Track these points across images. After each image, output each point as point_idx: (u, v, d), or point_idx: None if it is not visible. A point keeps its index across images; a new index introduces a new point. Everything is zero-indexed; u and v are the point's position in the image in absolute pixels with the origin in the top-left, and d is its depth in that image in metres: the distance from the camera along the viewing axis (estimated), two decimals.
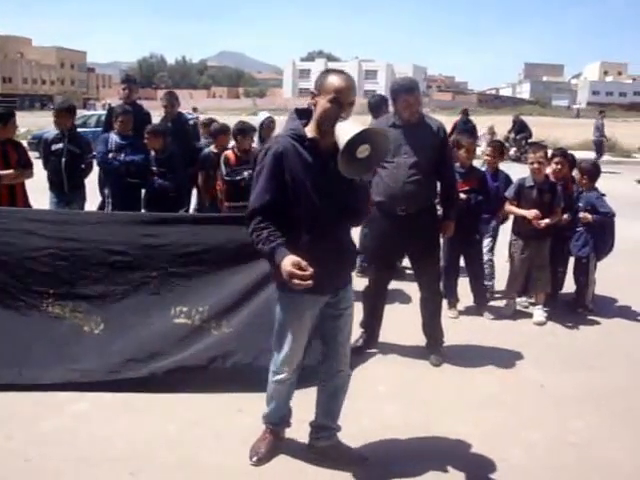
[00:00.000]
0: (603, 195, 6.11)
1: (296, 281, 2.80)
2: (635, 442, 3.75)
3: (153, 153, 6.46)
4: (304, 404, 3.52)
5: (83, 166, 6.61)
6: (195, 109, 23.10)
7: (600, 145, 19.62)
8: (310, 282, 2.79)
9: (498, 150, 6.54)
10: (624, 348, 5.23)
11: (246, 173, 6.11)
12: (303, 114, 3.12)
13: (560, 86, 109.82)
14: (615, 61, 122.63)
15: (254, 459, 3.42)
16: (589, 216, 5.92)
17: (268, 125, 7.76)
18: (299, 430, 3.56)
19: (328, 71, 3.05)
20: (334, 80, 2.94)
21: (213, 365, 4.28)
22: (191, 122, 7.23)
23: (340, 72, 3.02)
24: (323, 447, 3.45)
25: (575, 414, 4.08)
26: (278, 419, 3.50)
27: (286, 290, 3.04)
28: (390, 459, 3.48)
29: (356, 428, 3.71)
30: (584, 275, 6.09)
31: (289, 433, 3.61)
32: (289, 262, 2.82)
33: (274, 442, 3.50)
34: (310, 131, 3.03)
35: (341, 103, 2.92)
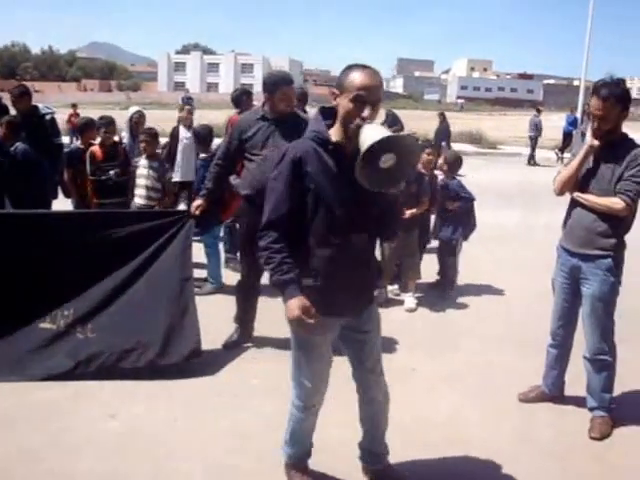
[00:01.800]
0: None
1: (297, 326, 2.72)
2: (496, 418, 3.98)
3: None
4: None
5: None
6: (75, 105, 21.78)
7: (535, 140, 20.04)
8: (313, 330, 2.71)
9: None
10: (487, 328, 5.52)
11: (112, 172, 5.94)
12: (329, 114, 2.80)
13: (431, 81, 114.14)
14: (481, 58, 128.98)
15: None
16: (456, 204, 6.27)
17: (138, 120, 7.58)
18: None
19: (350, 67, 2.72)
20: (356, 77, 2.63)
21: (79, 370, 4.19)
22: (48, 117, 6.78)
23: (364, 67, 2.69)
24: (374, 470, 3.31)
25: (442, 395, 4.27)
26: (305, 453, 3.26)
27: None
28: (266, 454, 3.46)
29: (230, 423, 3.76)
30: (453, 256, 6.44)
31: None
32: (299, 305, 2.67)
33: (307, 476, 3.24)
34: (335, 134, 2.74)
35: (364, 102, 2.62)
